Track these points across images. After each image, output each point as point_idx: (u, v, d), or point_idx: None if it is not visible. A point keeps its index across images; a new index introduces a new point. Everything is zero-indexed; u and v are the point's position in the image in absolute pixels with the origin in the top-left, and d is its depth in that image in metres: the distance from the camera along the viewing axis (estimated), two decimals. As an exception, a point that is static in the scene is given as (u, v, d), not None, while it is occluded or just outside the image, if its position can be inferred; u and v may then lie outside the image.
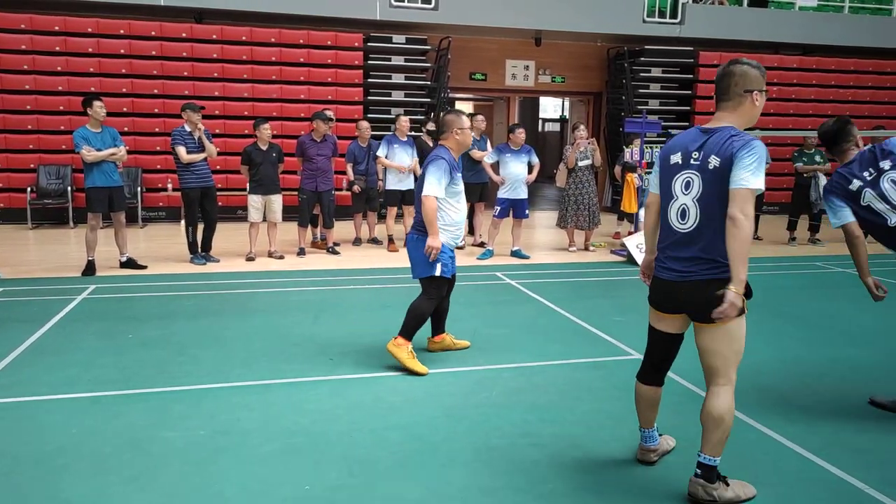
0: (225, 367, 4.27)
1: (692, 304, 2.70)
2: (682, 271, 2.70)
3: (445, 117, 4.33)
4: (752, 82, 2.68)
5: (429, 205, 4.11)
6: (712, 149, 2.63)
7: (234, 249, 8.26)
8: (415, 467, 3.03)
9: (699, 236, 2.66)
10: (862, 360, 4.61)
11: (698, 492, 2.72)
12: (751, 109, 2.71)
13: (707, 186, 2.63)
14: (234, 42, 11.14)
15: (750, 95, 2.68)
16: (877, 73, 13.90)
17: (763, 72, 2.73)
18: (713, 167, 2.60)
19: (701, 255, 2.66)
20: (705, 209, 2.64)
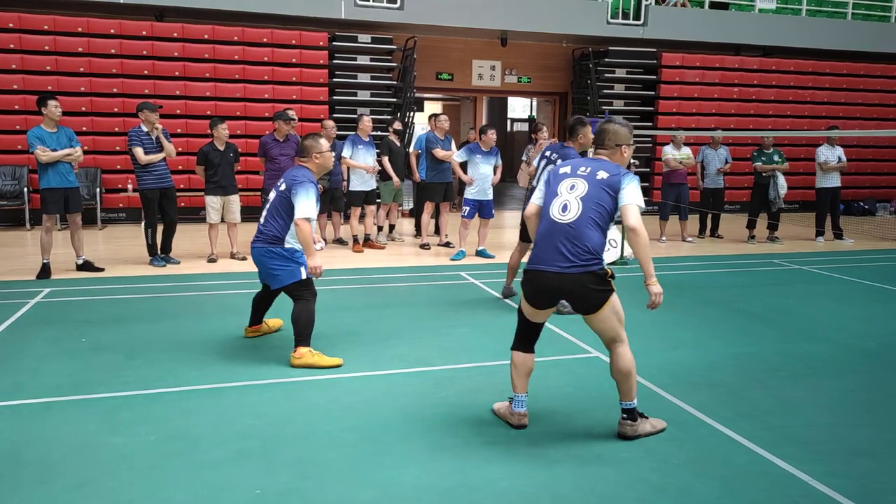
0: (178, 370, 4.21)
1: (571, 295, 3.19)
2: (563, 265, 3.15)
3: (304, 142, 4.55)
4: (622, 138, 3.38)
5: (305, 228, 4.23)
6: (601, 167, 3.28)
7: (195, 251, 8.14)
8: (368, 469, 3.02)
9: (577, 230, 3.16)
10: (813, 355, 4.71)
11: (626, 430, 3.31)
12: (621, 158, 3.40)
13: (591, 190, 3.20)
14: (196, 40, 10.98)
15: (620, 148, 3.38)
16: (833, 74, 14.24)
17: (630, 129, 3.44)
18: (600, 178, 3.23)
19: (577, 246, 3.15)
20: (586, 207, 3.18)
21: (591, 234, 3.15)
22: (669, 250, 9.24)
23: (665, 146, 10.13)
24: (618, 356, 3.27)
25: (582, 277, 3.13)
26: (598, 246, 3.16)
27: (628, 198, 3.18)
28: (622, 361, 3.26)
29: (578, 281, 3.13)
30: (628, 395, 3.29)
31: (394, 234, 9.67)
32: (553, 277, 3.17)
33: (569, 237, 3.15)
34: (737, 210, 12.73)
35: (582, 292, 3.15)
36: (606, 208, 3.19)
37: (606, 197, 3.19)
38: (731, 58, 13.76)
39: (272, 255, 4.38)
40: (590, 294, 3.15)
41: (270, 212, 4.44)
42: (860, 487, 2.89)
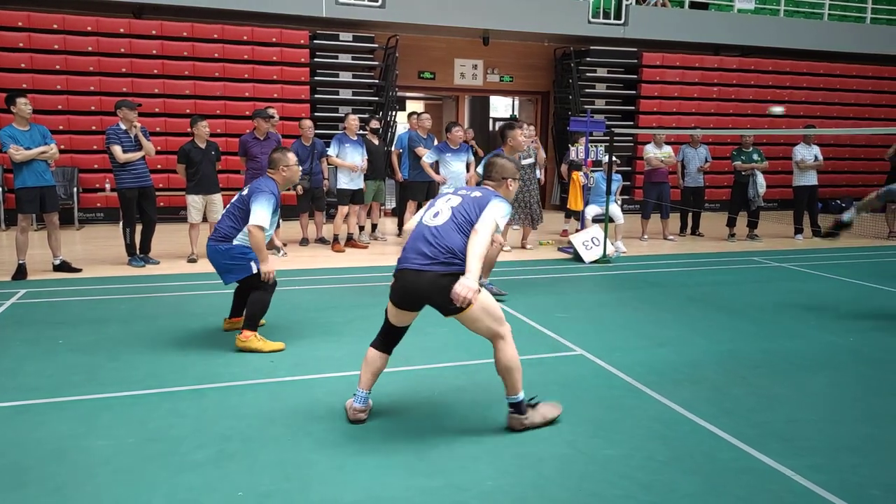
0: (158, 372, 4.14)
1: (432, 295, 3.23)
2: (423, 262, 3.22)
3: (272, 155, 4.72)
4: (508, 172, 3.57)
5: (258, 235, 4.41)
6: (481, 190, 3.44)
7: (175, 251, 8.03)
8: (353, 469, 2.99)
9: (441, 232, 3.26)
10: (794, 352, 4.75)
11: (514, 424, 3.38)
12: (506, 191, 3.57)
13: (463, 204, 3.33)
14: (175, 38, 10.83)
15: (506, 181, 3.56)
16: (810, 74, 14.42)
17: (517, 165, 3.66)
18: (474, 196, 3.37)
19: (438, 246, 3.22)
20: (454, 215, 3.30)
21: (454, 237, 3.22)
22: (651, 248, 9.29)
23: (646, 145, 10.19)
24: (498, 352, 3.31)
25: (439, 278, 3.15)
26: (459, 248, 3.19)
27: (489, 213, 3.25)
28: (503, 357, 3.30)
29: (434, 281, 3.16)
30: (513, 389, 3.34)
31: (376, 233, 9.63)
32: (412, 275, 3.23)
33: (432, 237, 3.26)
34: (717, 208, 12.83)
35: (440, 292, 3.15)
36: (472, 219, 3.26)
37: (475, 209, 3.29)
38: (711, 57, 13.87)
39: (222, 253, 4.57)
40: (448, 294, 3.10)
41: (227, 212, 4.67)
42: (842, 482, 2.91)
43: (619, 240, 8.82)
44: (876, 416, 3.64)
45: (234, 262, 4.56)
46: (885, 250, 9.39)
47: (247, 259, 4.55)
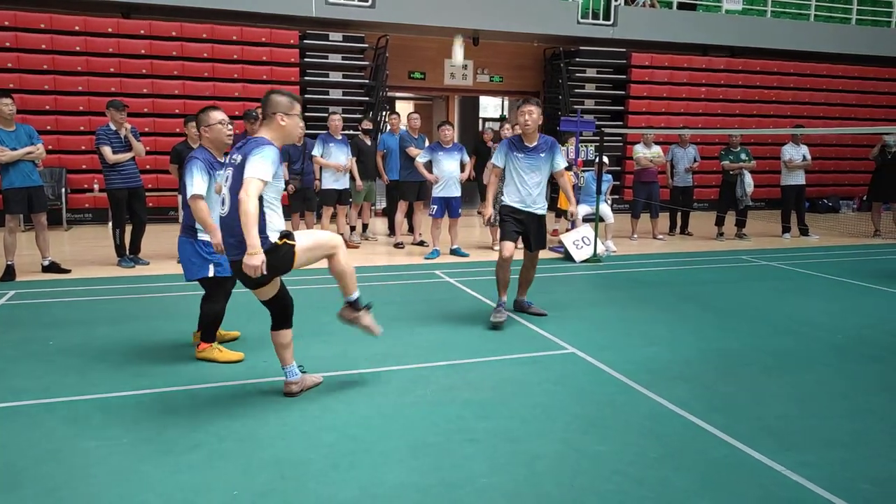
0: (150, 372, 4.13)
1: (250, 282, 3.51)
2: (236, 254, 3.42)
3: (197, 115, 4.44)
4: (277, 106, 3.46)
5: (196, 206, 4.14)
6: (243, 149, 3.39)
7: (165, 251, 8.00)
8: (348, 467, 2.99)
9: (232, 220, 3.36)
10: (784, 349, 4.80)
11: (345, 313, 3.88)
12: (279, 128, 3.49)
13: (234, 180, 3.36)
14: (164, 38, 10.80)
15: (275, 117, 3.46)
16: (798, 74, 14.55)
17: (293, 98, 3.53)
18: (239, 163, 3.35)
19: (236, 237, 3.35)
20: (232, 199, 3.34)
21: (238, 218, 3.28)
22: (641, 248, 9.34)
23: (636, 145, 10.25)
24: (331, 262, 3.73)
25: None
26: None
27: (247, 174, 3.25)
28: (335, 264, 3.73)
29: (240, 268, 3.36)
30: (346, 290, 3.83)
31: (367, 233, 9.62)
32: (235, 266, 3.48)
33: (226, 227, 3.43)
34: (705, 208, 12.92)
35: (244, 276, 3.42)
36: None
37: (241, 179, 3.29)
38: (699, 58, 13.97)
39: (184, 245, 4.32)
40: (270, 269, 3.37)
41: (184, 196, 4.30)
42: (832, 476, 2.95)
43: (610, 239, 8.87)
44: (863, 412, 3.68)
45: (189, 260, 4.27)
46: (871, 249, 9.50)
47: (204, 259, 4.23)
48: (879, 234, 10.49)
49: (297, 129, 3.57)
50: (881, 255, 9.01)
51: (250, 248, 3.21)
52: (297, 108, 3.56)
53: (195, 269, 4.30)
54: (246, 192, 3.20)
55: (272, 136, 3.47)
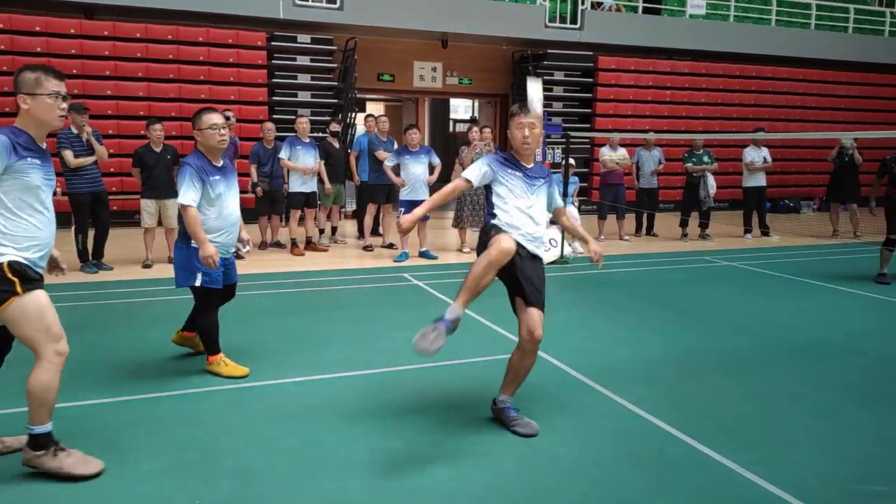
0: (111, 381, 4.08)
1: None
2: None
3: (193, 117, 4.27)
4: (20, 85, 2.84)
5: (186, 215, 3.94)
6: None
7: (129, 256, 7.89)
8: (311, 474, 3.00)
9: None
10: (743, 349, 4.92)
11: (24, 457, 2.92)
12: (27, 115, 2.84)
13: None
14: (128, 39, 10.64)
15: (15, 98, 2.85)
16: (759, 77, 14.87)
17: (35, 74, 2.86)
18: None
19: None
20: None
21: None
22: (608, 248, 9.47)
23: (602, 147, 10.38)
24: (34, 368, 2.86)
25: None
26: None
27: None
28: (32, 376, 2.85)
29: None
30: (35, 418, 2.88)
31: (336, 236, 9.60)
32: None
33: None
34: (670, 209, 13.13)
35: None
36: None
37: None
38: (664, 62, 14.20)
39: (177, 250, 4.17)
40: None
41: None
42: (784, 474, 3.04)
43: (577, 241, 8.97)
44: (816, 410, 3.80)
45: (180, 266, 4.13)
46: (829, 249, 9.76)
47: (194, 267, 4.07)
48: (837, 235, 10.78)
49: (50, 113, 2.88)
50: (839, 255, 9.27)
51: None
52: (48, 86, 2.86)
53: (184, 277, 4.14)
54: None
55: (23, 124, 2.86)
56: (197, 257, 4.02)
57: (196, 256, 4.02)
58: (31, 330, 2.80)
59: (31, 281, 2.82)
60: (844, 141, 10.63)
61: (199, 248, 3.96)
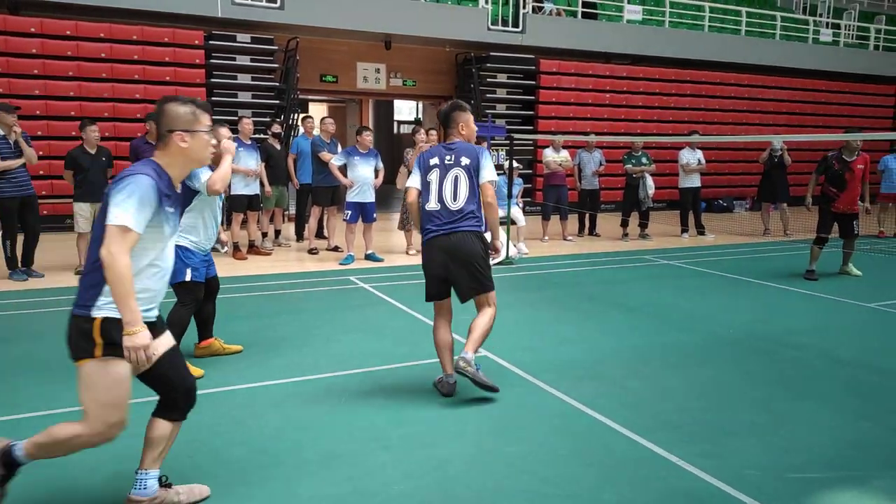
0: (47, 392, 3.91)
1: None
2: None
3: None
4: (176, 122, 2.52)
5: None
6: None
7: (61, 262, 7.58)
8: (259, 482, 2.95)
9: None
10: (685, 345, 5.08)
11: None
12: (178, 151, 2.53)
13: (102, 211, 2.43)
14: (57, 36, 10.22)
15: (170, 136, 2.52)
16: (693, 82, 15.39)
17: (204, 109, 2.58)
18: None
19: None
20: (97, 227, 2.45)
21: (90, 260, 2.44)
22: (552, 249, 9.62)
23: (545, 149, 10.55)
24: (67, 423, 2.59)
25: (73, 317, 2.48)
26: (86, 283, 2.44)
27: (108, 216, 2.35)
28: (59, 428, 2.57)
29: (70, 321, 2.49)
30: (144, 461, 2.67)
31: (280, 239, 9.45)
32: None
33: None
34: (611, 209, 13.46)
35: (69, 333, 2.51)
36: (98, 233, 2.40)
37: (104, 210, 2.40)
38: (602, 65, 14.53)
39: None
40: (70, 338, 2.50)
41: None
42: (724, 465, 3.15)
43: (522, 241, 9.09)
44: (755, 403, 3.95)
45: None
46: (761, 246, 10.17)
47: (183, 263, 4.12)
48: (769, 233, 11.24)
49: (204, 151, 2.60)
50: (770, 252, 9.67)
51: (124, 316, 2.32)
52: (204, 121, 2.59)
53: (174, 273, 4.07)
54: (108, 251, 2.30)
55: (168, 162, 2.54)
56: (185, 254, 4.15)
57: (183, 254, 4.14)
58: (89, 399, 2.49)
59: (116, 346, 2.40)
60: (774, 143, 11.09)
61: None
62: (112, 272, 2.28)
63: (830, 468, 3.15)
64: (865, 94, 17.65)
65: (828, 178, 7.55)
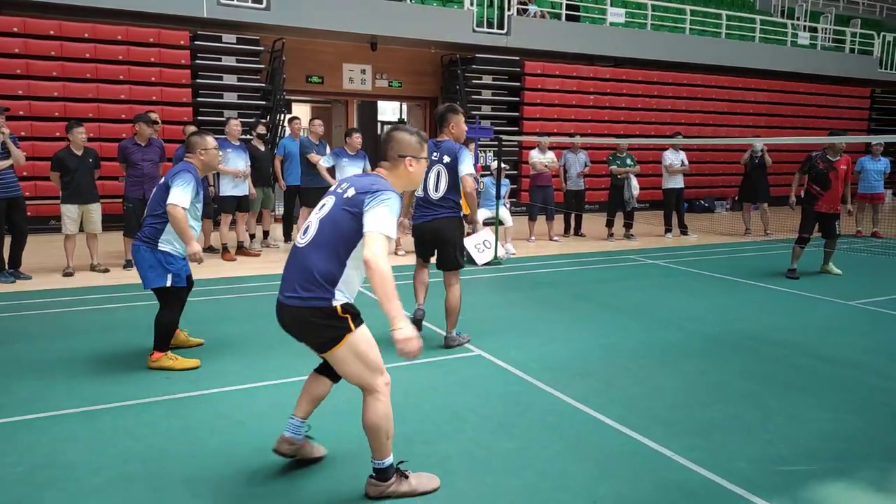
0: (43, 394, 3.91)
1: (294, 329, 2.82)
2: (287, 295, 2.74)
3: (190, 138, 4.52)
4: (406, 148, 2.89)
5: (176, 214, 4.17)
6: (358, 183, 2.78)
7: (48, 264, 7.53)
8: (264, 481, 2.99)
9: (306, 255, 2.74)
10: (670, 343, 5.19)
11: (370, 490, 2.87)
12: (406, 174, 2.91)
13: (333, 209, 2.74)
14: (40, 36, 10.12)
15: (403, 160, 2.89)
16: (675, 84, 15.59)
17: (422, 139, 2.96)
18: (347, 195, 2.75)
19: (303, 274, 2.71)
20: (321, 228, 2.74)
21: (317, 260, 2.69)
22: (538, 249, 9.72)
23: (531, 150, 10.64)
24: (366, 406, 2.82)
25: (301, 311, 2.70)
26: (324, 274, 2.67)
27: (369, 223, 2.63)
28: (369, 413, 2.81)
29: (296, 314, 2.72)
30: (379, 452, 2.85)
31: (269, 240, 9.45)
32: (280, 308, 2.80)
33: (298, 263, 2.75)
34: (596, 210, 13.60)
35: (301, 328, 2.76)
36: (343, 231, 2.69)
37: (346, 217, 2.69)
38: (586, 67, 14.67)
39: (144, 254, 4.32)
40: (312, 330, 2.73)
41: (150, 208, 4.39)
42: (714, 458, 3.25)
43: (509, 242, 9.17)
44: (741, 398, 4.06)
45: (150, 268, 4.29)
46: (742, 246, 10.35)
47: (164, 269, 4.29)
48: (750, 232, 11.44)
49: (421, 175, 2.99)
50: (751, 251, 9.85)
51: (394, 322, 2.53)
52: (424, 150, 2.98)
53: (154, 278, 4.31)
54: (377, 256, 2.55)
55: (394, 182, 2.86)
56: (166, 260, 4.29)
57: (165, 259, 4.29)
58: (361, 368, 2.76)
59: (358, 316, 2.78)
60: (755, 145, 11.29)
61: (188, 245, 4.29)
62: (379, 274, 2.54)
63: (817, 460, 3.26)
64: (842, 97, 18.00)
65: (812, 178, 7.69)
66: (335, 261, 2.69)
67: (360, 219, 2.65)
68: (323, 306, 2.67)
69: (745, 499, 2.89)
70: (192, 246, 4.30)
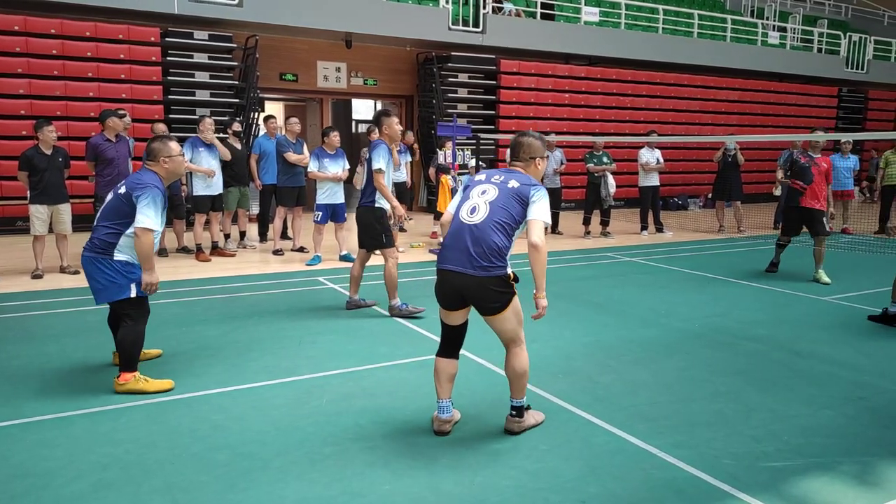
0: (15, 401, 3.79)
1: (473, 296, 3.34)
2: (466, 266, 3.28)
3: (151, 144, 4.13)
4: (536, 151, 3.53)
5: (146, 240, 3.87)
6: (514, 177, 3.44)
7: (14, 267, 7.33)
8: (245, 486, 2.93)
9: (482, 231, 3.29)
10: (650, 340, 5.22)
11: (513, 426, 3.47)
12: (535, 170, 3.55)
13: (501, 196, 3.35)
14: (5, 32, 9.84)
15: (534, 161, 3.54)
16: (649, 83, 15.74)
17: (544, 143, 3.59)
18: (511, 186, 3.38)
19: (481, 247, 3.27)
20: (493, 211, 3.32)
21: (495, 237, 3.26)
22: (517, 247, 9.69)
23: (508, 149, 10.64)
24: (514, 356, 3.41)
25: (483, 280, 3.24)
26: (501, 249, 3.28)
27: (536, 212, 3.31)
28: (517, 361, 3.40)
29: (480, 283, 3.25)
30: (520, 393, 3.44)
31: (245, 240, 9.32)
32: (455, 277, 3.29)
33: (474, 238, 3.27)
34: (572, 208, 13.66)
35: (483, 294, 3.27)
36: (513, 215, 3.31)
37: (515, 204, 3.32)
38: (562, 66, 14.73)
39: (99, 266, 3.91)
40: (491, 296, 3.28)
41: (104, 216, 3.98)
42: (699, 454, 3.27)
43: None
44: (721, 394, 4.10)
45: (110, 280, 3.88)
46: (716, 243, 10.48)
47: (126, 278, 3.92)
48: (723, 229, 11.59)
49: (543, 171, 3.63)
50: (725, 248, 9.97)
51: (541, 292, 3.36)
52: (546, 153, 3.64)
53: (117, 290, 3.91)
54: (540, 238, 3.26)
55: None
56: (126, 269, 3.93)
57: (124, 268, 3.93)
58: (517, 324, 3.37)
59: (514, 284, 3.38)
60: (728, 143, 11.43)
61: (146, 274, 3.92)
62: (543, 255, 3.27)
63: (799, 455, 3.29)
64: (811, 95, 18.34)
65: (794, 173, 7.67)
66: (508, 238, 3.31)
67: (525, 207, 3.32)
68: (501, 274, 3.27)
69: (732, 496, 2.91)
70: (153, 275, 3.92)
